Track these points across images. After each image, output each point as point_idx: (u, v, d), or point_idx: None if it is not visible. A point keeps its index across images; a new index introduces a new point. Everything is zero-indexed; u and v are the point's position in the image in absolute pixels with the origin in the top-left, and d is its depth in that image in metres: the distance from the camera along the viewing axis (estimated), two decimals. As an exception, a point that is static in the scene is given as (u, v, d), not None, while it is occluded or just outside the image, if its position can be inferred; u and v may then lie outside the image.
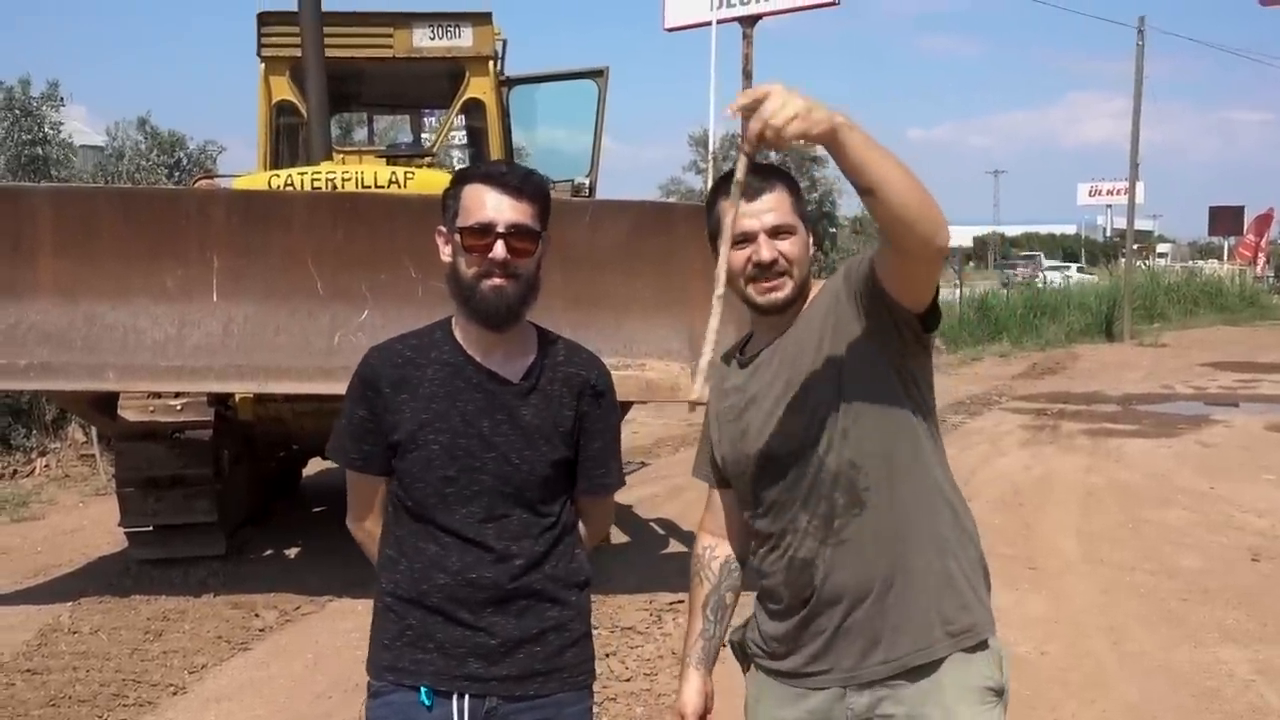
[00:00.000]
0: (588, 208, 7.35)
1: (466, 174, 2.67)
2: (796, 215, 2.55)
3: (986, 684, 2.53)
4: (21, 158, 14.54)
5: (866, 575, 2.51)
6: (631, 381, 6.67)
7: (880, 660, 2.51)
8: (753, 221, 2.50)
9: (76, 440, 12.22)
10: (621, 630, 6.57)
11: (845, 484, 2.51)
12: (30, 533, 9.33)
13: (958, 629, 2.51)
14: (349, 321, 6.55)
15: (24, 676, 5.90)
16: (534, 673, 2.62)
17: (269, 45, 8.74)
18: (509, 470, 2.59)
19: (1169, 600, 7.27)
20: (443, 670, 2.58)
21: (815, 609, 2.56)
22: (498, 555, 2.58)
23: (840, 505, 2.52)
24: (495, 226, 2.53)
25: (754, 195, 2.50)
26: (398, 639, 2.62)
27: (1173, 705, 5.60)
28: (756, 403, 2.62)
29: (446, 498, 2.58)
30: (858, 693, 2.53)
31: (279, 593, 7.26)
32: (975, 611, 2.55)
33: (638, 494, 10.49)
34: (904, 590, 2.50)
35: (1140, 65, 29.77)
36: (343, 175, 7.38)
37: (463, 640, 2.58)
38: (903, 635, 2.50)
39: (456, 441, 2.57)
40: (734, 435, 2.66)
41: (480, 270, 2.55)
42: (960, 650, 2.51)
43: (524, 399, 2.63)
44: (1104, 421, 15.26)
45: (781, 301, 2.55)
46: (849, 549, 2.52)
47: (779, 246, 2.52)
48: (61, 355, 6.41)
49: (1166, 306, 35.31)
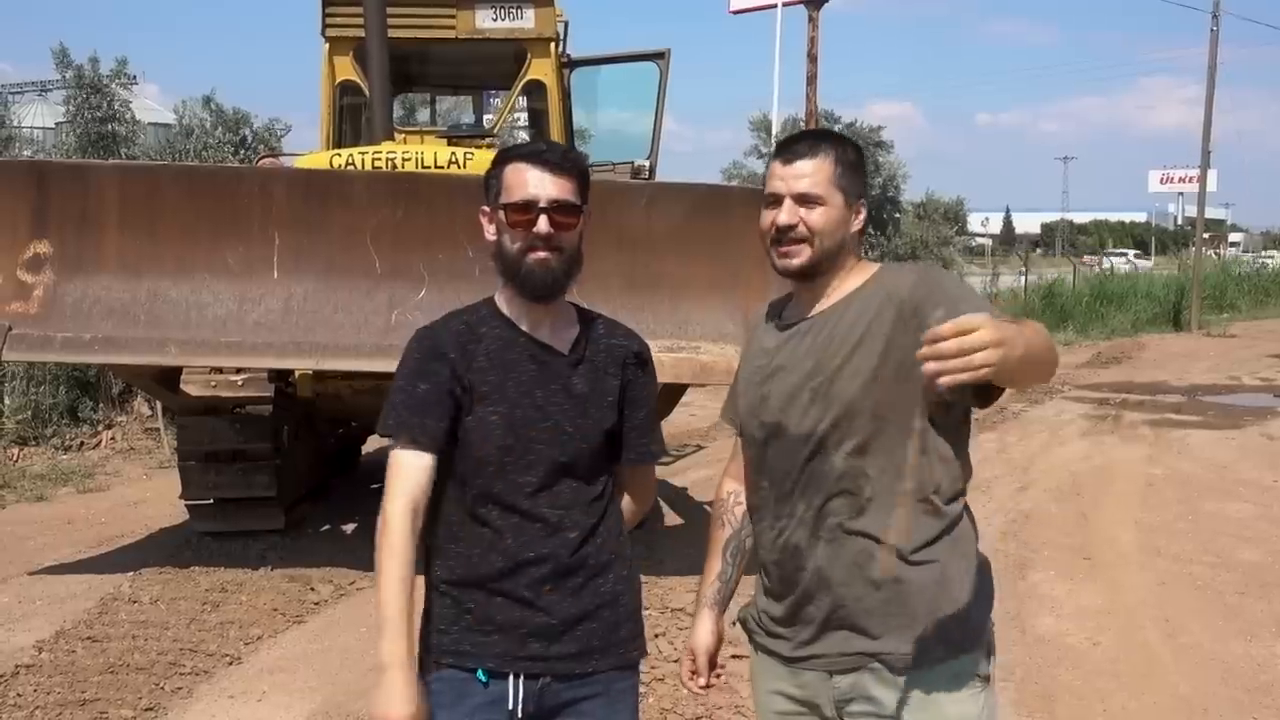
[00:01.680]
0: (644, 190, 7.35)
1: (507, 154, 2.73)
2: (836, 187, 2.55)
3: (974, 670, 2.55)
4: (91, 135, 14.76)
5: (856, 577, 2.52)
6: (686, 364, 6.68)
7: (862, 651, 2.53)
8: (781, 185, 2.56)
9: (142, 414, 12.46)
10: (671, 611, 6.60)
11: (850, 487, 2.52)
12: (95, 504, 9.53)
13: (951, 640, 2.51)
14: (406, 300, 6.60)
15: (84, 644, 6.03)
16: (591, 649, 2.66)
17: (333, 25, 8.81)
18: (564, 439, 2.65)
19: (1226, 593, 7.18)
20: (505, 652, 2.62)
21: (804, 597, 2.58)
22: (551, 528, 2.62)
23: (839, 505, 2.53)
24: (538, 202, 2.60)
25: (792, 159, 2.55)
26: (456, 623, 2.65)
27: (1225, 699, 5.54)
28: (781, 374, 2.62)
29: (505, 467, 2.62)
30: (843, 675, 2.56)
31: (335, 567, 7.37)
32: (974, 622, 2.55)
33: (692, 476, 10.53)
34: (895, 599, 2.51)
35: (1214, 51, 29.26)
36: (403, 155, 7.45)
37: (523, 621, 2.61)
38: (892, 638, 2.51)
39: (514, 412, 2.62)
40: (753, 400, 2.68)
41: (525, 245, 2.61)
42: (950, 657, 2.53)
43: (574, 369, 2.70)
44: (1167, 412, 15.07)
45: (795, 268, 2.57)
46: (843, 548, 2.53)
47: (802, 214, 2.53)
48: (125, 330, 6.51)
49: (1236, 297, 34.78)
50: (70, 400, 12.03)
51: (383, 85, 7.75)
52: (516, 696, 2.61)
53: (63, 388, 11.97)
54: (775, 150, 2.65)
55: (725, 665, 2.95)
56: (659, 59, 9.71)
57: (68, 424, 11.97)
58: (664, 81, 9.66)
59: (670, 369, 6.34)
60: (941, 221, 35.00)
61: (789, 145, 2.60)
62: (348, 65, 8.83)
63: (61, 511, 9.26)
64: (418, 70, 10.17)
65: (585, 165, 2.74)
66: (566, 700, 2.65)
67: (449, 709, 2.62)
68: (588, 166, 2.75)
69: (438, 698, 2.64)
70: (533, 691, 2.62)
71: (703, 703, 5.34)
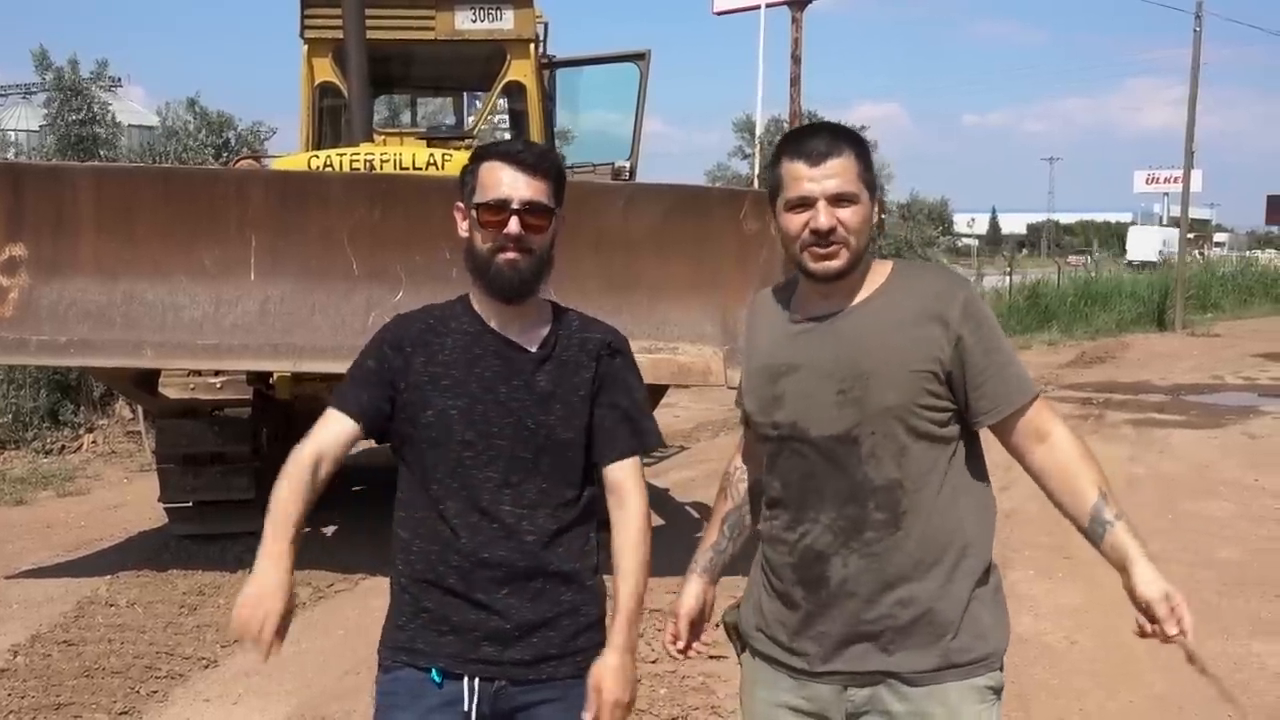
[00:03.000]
0: (623, 191, 7.35)
1: (483, 152, 2.72)
2: (862, 183, 2.49)
3: (988, 684, 2.54)
4: (71, 137, 14.72)
5: (885, 590, 2.50)
6: (664, 365, 6.68)
7: (885, 669, 2.51)
8: (814, 186, 2.46)
9: (123, 417, 12.39)
10: (650, 612, 6.51)
11: (886, 500, 2.49)
12: (75, 507, 9.50)
13: (969, 659, 2.52)
14: (384, 302, 6.58)
15: (60, 647, 6.01)
16: (547, 657, 2.65)
17: (312, 27, 8.79)
18: (525, 434, 2.63)
19: (1204, 591, 7.19)
20: (457, 653, 2.61)
21: (823, 606, 2.54)
22: (508, 530, 2.60)
23: (876, 519, 2.49)
24: (510, 203, 2.60)
25: (819, 160, 2.47)
26: (413, 620, 2.66)
27: (1201, 697, 5.55)
28: (798, 373, 2.55)
29: (464, 462, 2.62)
30: (859, 689, 2.53)
31: (313, 570, 7.32)
32: (990, 641, 2.56)
33: (674, 478, 10.52)
34: (922, 614, 2.49)
35: (1197, 52, 29.35)
36: (381, 156, 7.43)
37: (478, 624, 2.60)
38: (914, 655, 2.50)
39: (474, 406, 2.62)
40: (765, 397, 2.61)
41: (495, 245, 2.61)
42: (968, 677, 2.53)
43: (540, 365, 2.68)
44: (1150, 411, 15.12)
45: (835, 271, 2.49)
46: (874, 562, 2.50)
47: (838, 214, 2.46)
48: (101, 332, 6.49)
49: (1220, 296, 34.87)
50: (51, 403, 11.97)
51: (361, 87, 7.73)
52: (471, 698, 2.60)
53: (44, 391, 11.91)
54: (787, 151, 2.54)
55: (710, 644, 2.94)
56: (639, 60, 9.73)
57: (48, 427, 11.90)
58: (644, 82, 9.68)
59: (649, 370, 6.31)
60: (926, 222, 35.05)
61: (806, 144, 2.50)
62: (327, 67, 8.81)
63: (41, 515, 9.22)
64: (398, 72, 10.15)
65: (561, 167, 2.73)
66: (522, 704, 2.64)
67: (404, 709, 2.63)
68: (563, 168, 2.74)
69: (393, 698, 2.65)
70: (488, 693, 2.61)
71: (679, 703, 5.34)
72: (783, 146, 2.57)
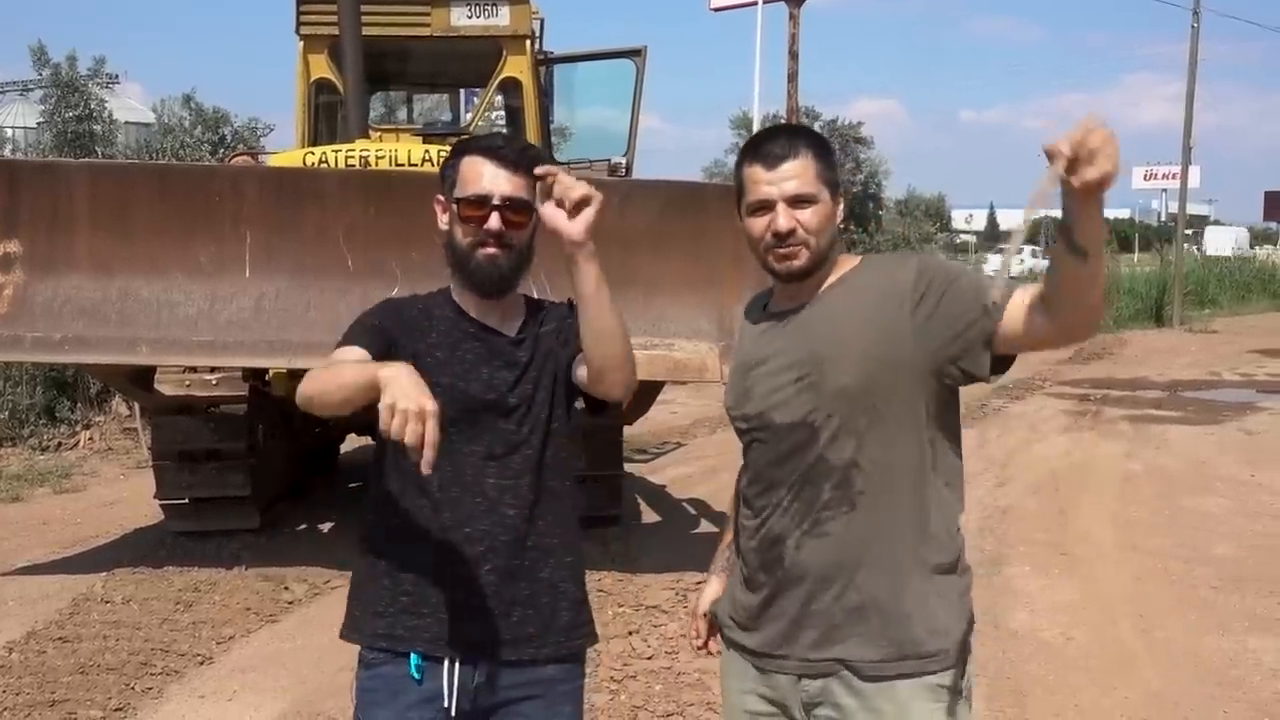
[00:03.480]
0: (618, 187, 7.33)
1: (465, 145, 2.72)
2: (821, 183, 2.51)
3: (942, 683, 2.49)
4: (67, 134, 14.70)
5: (835, 571, 2.49)
6: (660, 361, 6.68)
7: (835, 658, 2.50)
8: (771, 190, 2.50)
9: (120, 414, 12.40)
10: (646, 609, 6.59)
11: (841, 481, 2.49)
12: (71, 504, 9.49)
13: (921, 653, 2.47)
14: (379, 298, 6.53)
15: (55, 644, 6.00)
16: (526, 636, 2.64)
17: (308, 23, 8.76)
18: (509, 409, 2.66)
19: (1200, 588, 7.20)
20: (437, 636, 2.60)
21: (779, 588, 2.55)
22: (490, 503, 2.61)
23: (829, 499, 2.49)
24: (491, 198, 2.61)
25: (776, 163, 2.50)
26: (391, 604, 2.64)
27: (1196, 693, 5.55)
28: (763, 366, 2.60)
29: (450, 438, 2.53)
30: (811, 679, 2.53)
31: (310, 566, 7.35)
32: (946, 637, 2.50)
33: (672, 474, 10.53)
34: (872, 600, 2.47)
35: (1195, 48, 29.37)
36: (376, 153, 7.42)
37: (458, 602, 2.60)
38: (863, 643, 2.48)
39: (457, 384, 2.63)
40: (738, 394, 2.66)
41: (475, 240, 2.62)
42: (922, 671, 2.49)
43: (518, 345, 2.72)
44: (1147, 408, 15.12)
45: (797, 270, 2.53)
46: (826, 542, 2.50)
47: (797, 216, 2.50)
48: (96, 329, 6.48)
49: (1218, 292, 34.88)
50: (48, 400, 11.97)
51: (357, 83, 7.72)
52: (451, 690, 2.59)
53: (40, 388, 11.92)
54: (747, 155, 2.59)
55: None
56: (635, 56, 9.70)
57: (45, 424, 11.90)
58: (640, 79, 9.65)
59: (644, 366, 6.28)
60: (923, 218, 35.02)
61: (763, 148, 2.55)
62: (323, 63, 8.78)
63: (37, 512, 9.21)
64: (394, 68, 10.13)
65: (543, 162, 2.69)
66: (503, 700, 2.64)
67: (383, 706, 2.63)
68: (545, 163, 2.70)
69: (372, 695, 2.66)
70: (468, 685, 2.60)
71: (674, 699, 5.33)
72: (744, 151, 2.63)
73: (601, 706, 5.24)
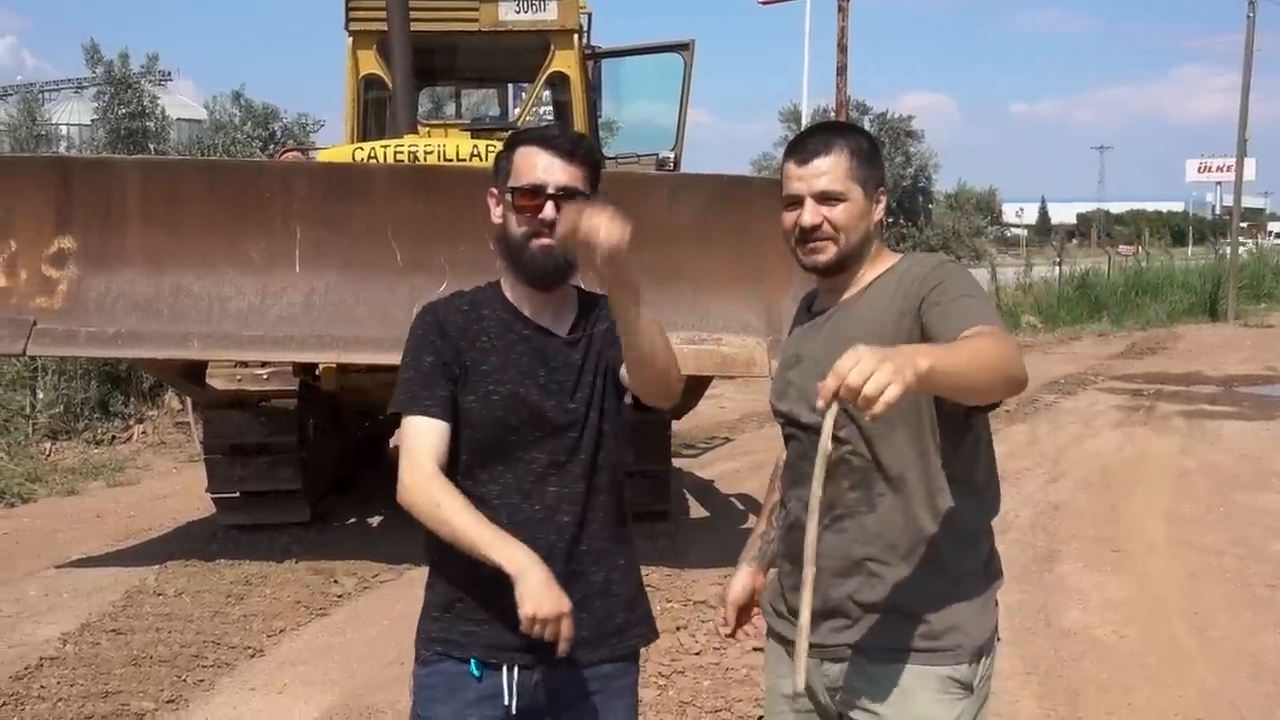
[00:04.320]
0: (665, 181, 7.33)
1: (520, 137, 2.70)
2: (854, 180, 2.53)
3: (952, 675, 2.49)
4: (121, 131, 14.86)
5: (851, 566, 2.52)
6: (707, 356, 6.66)
7: (846, 643, 2.53)
8: (801, 185, 2.55)
9: (173, 408, 12.53)
10: (694, 604, 6.57)
11: (861, 480, 2.52)
12: (124, 497, 9.59)
13: (933, 646, 2.49)
14: (428, 293, 6.52)
15: (109, 636, 6.07)
16: (581, 640, 2.58)
17: (356, 19, 8.81)
18: (566, 415, 2.63)
19: (1256, 585, 7.10)
20: (492, 642, 2.59)
21: (799, 576, 2.53)
22: (548, 510, 2.59)
23: (849, 498, 2.52)
24: (546, 188, 2.57)
25: (808, 159, 2.55)
26: (447, 610, 2.64)
27: (1253, 693, 5.47)
28: (801, 364, 2.63)
29: (510, 446, 2.60)
30: (831, 663, 2.56)
31: (359, 560, 7.38)
32: (961, 633, 2.50)
33: (719, 469, 10.51)
34: (886, 595, 2.50)
35: (1251, 38, 28.97)
36: (425, 148, 7.44)
37: (512, 611, 2.51)
38: (876, 633, 2.51)
39: (515, 391, 2.60)
40: (779, 388, 2.70)
41: (530, 230, 2.58)
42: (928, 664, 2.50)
43: (572, 347, 2.67)
44: (1202, 403, 14.92)
45: (823, 264, 2.57)
46: (843, 538, 2.53)
47: (825, 212, 2.53)
48: (148, 324, 6.55)
49: (1274, 286, 34.41)
50: (102, 394, 12.11)
51: (405, 78, 7.75)
52: (511, 690, 2.58)
53: (94, 382, 12.05)
54: (787, 150, 2.65)
55: (755, 626, 2.92)
56: (683, 50, 9.68)
57: (99, 418, 12.04)
58: (688, 73, 9.63)
59: (692, 361, 6.32)
60: (974, 212, 34.74)
61: (800, 144, 2.59)
62: (371, 59, 8.83)
63: (91, 505, 9.31)
64: (442, 63, 10.17)
65: (597, 154, 2.71)
66: (561, 698, 2.63)
67: (443, 703, 2.61)
68: (600, 156, 2.71)
69: (431, 691, 2.63)
70: (527, 685, 2.59)
71: (722, 695, 5.32)
72: (787, 146, 2.68)
73: (650, 701, 5.23)
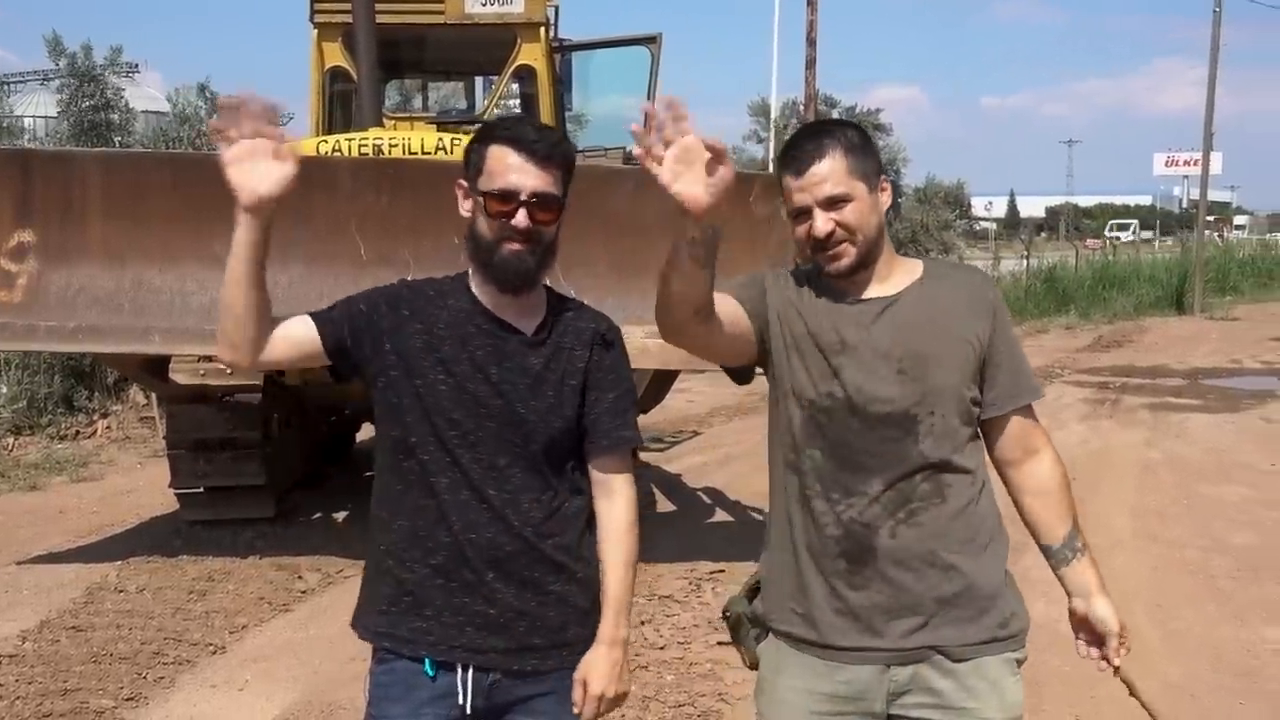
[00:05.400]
0: (631, 175, 7.30)
1: (493, 131, 2.61)
2: (856, 177, 2.53)
3: (1019, 657, 2.67)
4: (84, 123, 14.72)
5: (930, 559, 2.56)
6: (672, 350, 6.61)
7: (928, 644, 2.57)
8: (805, 196, 2.53)
9: (137, 403, 12.42)
10: (659, 599, 6.57)
11: (934, 474, 2.56)
12: (87, 493, 9.52)
13: (1007, 634, 2.62)
14: (392, 288, 6.56)
15: (68, 633, 6.02)
16: (532, 647, 2.59)
17: (321, 11, 8.76)
18: (515, 419, 2.57)
19: (1218, 578, 7.15)
20: (440, 640, 2.56)
21: (868, 578, 2.56)
22: (496, 513, 2.55)
23: (923, 490, 2.56)
24: (519, 194, 2.51)
25: (804, 169, 2.53)
26: (394, 604, 2.60)
27: (1213, 684, 5.51)
28: (856, 351, 2.57)
29: (453, 441, 2.55)
30: (901, 666, 2.57)
31: (324, 556, 7.35)
32: (1022, 617, 2.66)
33: (687, 462, 10.50)
34: (964, 588, 2.58)
35: (1217, 32, 29.09)
36: (390, 141, 7.39)
37: (461, 608, 2.55)
38: (959, 628, 2.57)
39: (464, 385, 2.55)
40: (822, 370, 2.59)
41: (500, 235, 2.53)
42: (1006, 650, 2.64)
43: (533, 349, 2.62)
44: (1167, 396, 15.03)
45: (847, 268, 2.56)
46: (921, 532, 2.56)
47: (835, 217, 2.52)
48: (109, 318, 6.49)
49: (1239, 279, 34.64)
50: (65, 389, 12.00)
51: (371, 71, 7.69)
52: (465, 690, 2.55)
53: (57, 377, 11.94)
54: (781, 163, 2.63)
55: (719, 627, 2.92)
56: (651, 43, 9.66)
57: (63, 413, 11.93)
58: (656, 66, 9.61)
59: (658, 355, 6.27)
60: (942, 205, 34.75)
61: (793, 154, 2.57)
62: (337, 51, 8.78)
63: (54, 501, 9.24)
64: (408, 56, 10.12)
65: (573, 156, 2.64)
66: (518, 697, 2.61)
67: (397, 701, 2.59)
68: (573, 156, 2.65)
69: (386, 690, 2.61)
70: (482, 685, 2.57)
71: (686, 689, 5.31)
72: (778, 158, 2.68)
73: (614, 697, 5.22)
